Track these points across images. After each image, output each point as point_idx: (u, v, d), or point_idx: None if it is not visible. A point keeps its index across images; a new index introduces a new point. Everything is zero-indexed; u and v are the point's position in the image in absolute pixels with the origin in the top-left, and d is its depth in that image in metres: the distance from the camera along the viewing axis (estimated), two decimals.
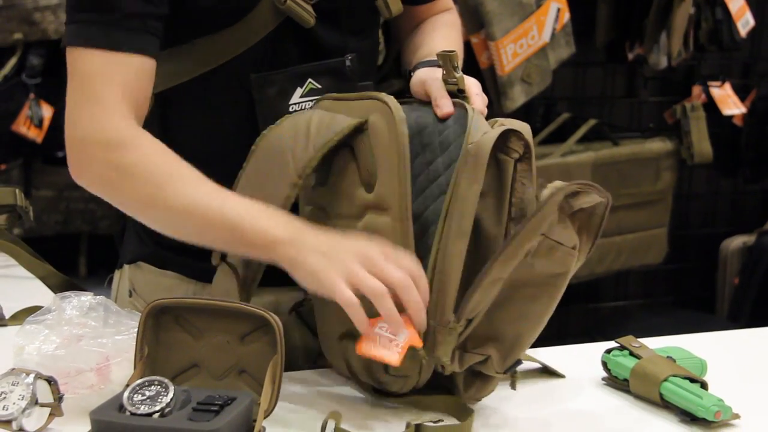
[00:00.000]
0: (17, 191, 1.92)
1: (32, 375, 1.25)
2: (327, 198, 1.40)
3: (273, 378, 1.26)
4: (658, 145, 3.58)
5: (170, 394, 1.21)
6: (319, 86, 1.50)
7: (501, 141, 1.30)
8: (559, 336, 3.69)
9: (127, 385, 1.23)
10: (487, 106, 1.43)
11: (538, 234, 1.25)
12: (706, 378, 1.44)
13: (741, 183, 3.93)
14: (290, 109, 1.49)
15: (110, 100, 1.38)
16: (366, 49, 1.58)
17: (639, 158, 3.53)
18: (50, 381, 1.26)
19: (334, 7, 1.51)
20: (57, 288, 1.75)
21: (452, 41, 1.65)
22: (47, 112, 3.03)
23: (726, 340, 1.78)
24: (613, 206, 1.17)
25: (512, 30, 3.04)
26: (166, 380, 1.22)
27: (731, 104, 3.73)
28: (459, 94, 1.38)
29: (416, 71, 1.46)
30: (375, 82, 1.61)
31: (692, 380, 1.40)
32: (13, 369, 1.27)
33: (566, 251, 1.28)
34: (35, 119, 3.04)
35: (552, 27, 3.15)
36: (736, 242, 3.85)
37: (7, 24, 2.99)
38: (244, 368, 1.31)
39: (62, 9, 2.90)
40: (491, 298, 1.28)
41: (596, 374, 1.51)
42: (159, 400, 1.20)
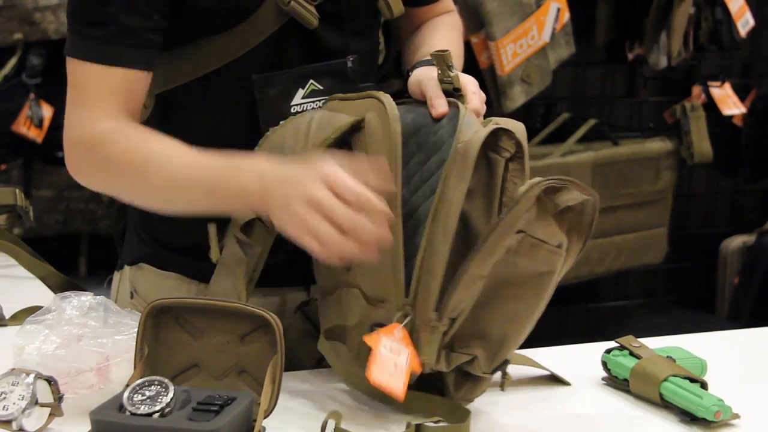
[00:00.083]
0: (17, 191, 1.92)
1: (32, 375, 1.25)
2: None
3: (273, 378, 1.26)
4: (658, 145, 3.58)
5: (170, 394, 1.21)
6: (321, 87, 1.50)
7: (492, 140, 1.30)
8: (559, 336, 3.69)
9: (127, 385, 1.23)
10: (487, 106, 1.43)
11: (514, 231, 1.25)
12: (706, 378, 1.44)
13: (741, 183, 3.93)
14: (292, 110, 1.49)
15: (98, 107, 1.42)
16: (367, 50, 1.58)
17: (639, 158, 3.53)
18: (50, 381, 1.26)
19: (337, 9, 1.51)
20: (57, 288, 1.75)
21: (453, 42, 1.65)
22: (47, 112, 3.03)
23: (726, 340, 1.78)
24: (613, 206, 1.17)
25: (512, 30, 3.04)
26: (166, 380, 1.22)
27: (731, 104, 3.73)
28: (455, 93, 1.38)
29: (413, 71, 1.46)
30: (375, 83, 1.61)
31: (692, 380, 1.41)
32: (13, 369, 1.27)
33: (550, 250, 1.28)
34: (35, 119, 3.03)
35: (552, 27, 3.15)
36: (736, 242, 3.85)
37: (8, 24, 2.99)
38: (244, 368, 1.31)
39: (62, 9, 2.89)
40: (473, 297, 1.28)
41: (596, 374, 1.51)
42: (159, 400, 1.20)
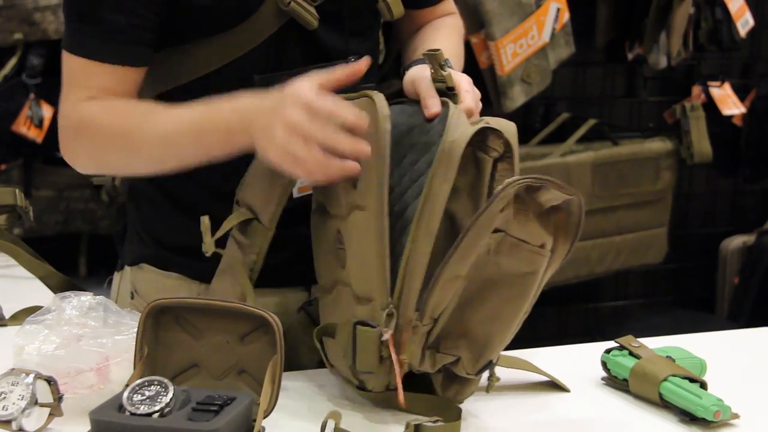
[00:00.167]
0: (17, 191, 1.92)
1: (32, 375, 1.25)
2: (324, 197, 1.41)
3: (273, 378, 1.26)
4: (658, 145, 3.58)
5: (170, 394, 1.21)
6: None
7: (479, 139, 1.29)
8: (559, 336, 3.70)
9: (127, 385, 1.23)
10: (487, 106, 1.43)
11: (490, 230, 1.25)
12: (706, 378, 1.44)
13: (741, 183, 3.93)
14: None
15: (85, 97, 1.45)
16: (367, 51, 1.58)
17: (639, 158, 3.53)
18: (50, 381, 1.26)
19: (337, 9, 1.51)
20: (57, 288, 1.75)
21: (453, 44, 1.65)
22: (47, 112, 3.03)
23: (726, 340, 1.78)
24: (613, 206, 1.17)
25: (512, 30, 3.04)
26: (166, 380, 1.22)
27: (731, 104, 3.73)
28: (448, 92, 1.37)
29: (408, 70, 1.46)
30: (376, 83, 1.61)
31: (692, 380, 1.40)
32: (13, 369, 1.27)
33: (532, 250, 1.27)
34: (35, 119, 3.03)
35: (552, 27, 3.15)
36: (736, 242, 3.85)
37: (8, 24, 2.99)
38: (244, 368, 1.31)
39: (62, 9, 2.89)
40: (453, 296, 1.28)
41: (596, 374, 1.51)
42: (158, 400, 1.20)
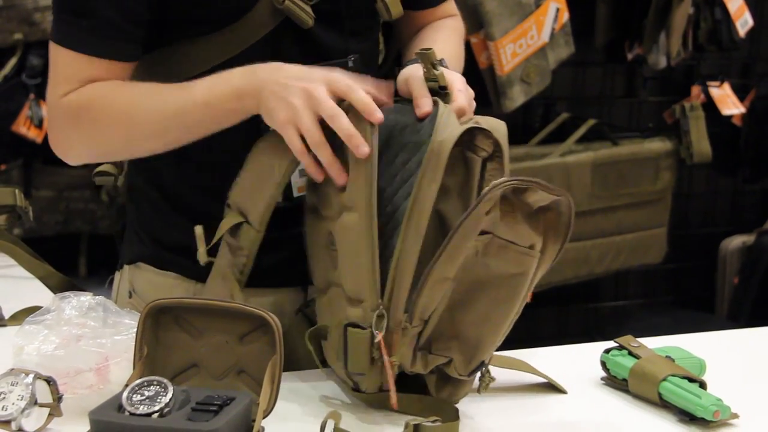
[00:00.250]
0: (17, 191, 1.92)
1: (31, 375, 1.25)
2: (316, 198, 1.41)
3: (272, 378, 1.26)
4: (658, 145, 3.58)
5: (169, 394, 1.21)
6: None
7: (468, 139, 1.29)
8: (559, 336, 3.70)
9: (126, 386, 1.23)
10: (487, 106, 1.43)
11: (477, 232, 1.25)
12: (705, 377, 1.44)
13: (740, 183, 3.93)
14: None
15: (73, 87, 1.46)
16: (367, 51, 1.58)
17: (638, 158, 3.53)
18: (49, 381, 1.26)
19: (335, 9, 1.51)
20: (56, 288, 1.75)
21: (454, 45, 1.64)
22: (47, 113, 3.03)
23: (725, 340, 1.78)
24: (613, 206, 1.17)
25: (511, 30, 3.04)
26: (165, 380, 1.22)
27: (730, 104, 3.73)
28: (440, 91, 1.37)
29: (402, 69, 1.46)
30: None
31: (691, 380, 1.41)
32: (13, 369, 1.27)
33: (521, 251, 1.27)
34: (35, 119, 3.04)
35: (551, 27, 3.15)
36: (736, 242, 3.85)
37: (7, 24, 2.99)
38: (243, 368, 1.31)
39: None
40: (441, 298, 1.28)
41: (595, 374, 1.51)
42: (158, 400, 1.20)
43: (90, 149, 1.52)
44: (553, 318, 3.77)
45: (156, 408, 1.19)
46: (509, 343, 1.39)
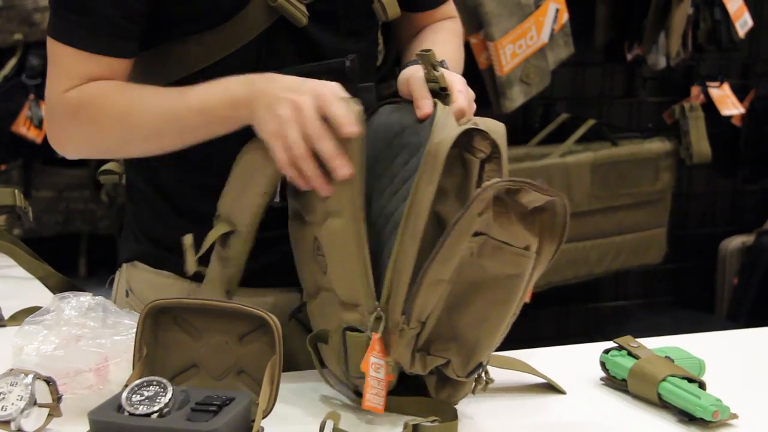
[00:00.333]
0: (16, 192, 1.92)
1: (31, 375, 1.25)
2: (299, 204, 1.41)
3: (271, 378, 1.26)
4: (657, 146, 3.59)
5: (169, 395, 1.21)
6: None
7: (466, 140, 1.29)
8: (559, 336, 3.70)
9: (126, 386, 1.23)
10: (487, 107, 1.42)
11: (470, 234, 1.24)
12: (705, 378, 1.44)
13: (740, 183, 3.93)
14: None
15: (72, 83, 1.46)
16: (364, 51, 1.58)
17: (638, 158, 3.53)
18: (49, 381, 1.26)
19: (331, 9, 1.51)
20: (56, 288, 1.75)
21: (453, 47, 1.64)
22: None
23: (725, 340, 1.78)
24: (613, 206, 1.16)
25: (511, 30, 3.04)
26: (165, 380, 1.22)
27: (730, 104, 3.73)
28: (441, 92, 1.37)
29: (402, 70, 1.46)
30: (375, 83, 1.61)
31: (690, 380, 1.41)
32: (12, 369, 1.27)
33: (516, 252, 1.26)
34: (35, 120, 3.04)
35: (551, 27, 3.15)
36: (735, 242, 3.85)
37: (7, 24, 3.00)
38: (243, 368, 1.31)
39: None
40: (438, 299, 1.28)
41: (595, 374, 1.51)
42: (157, 401, 1.20)
43: (87, 146, 1.53)
44: (553, 318, 3.77)
45: (155, 408, 1.19)
46: (509, 344, 1.39)
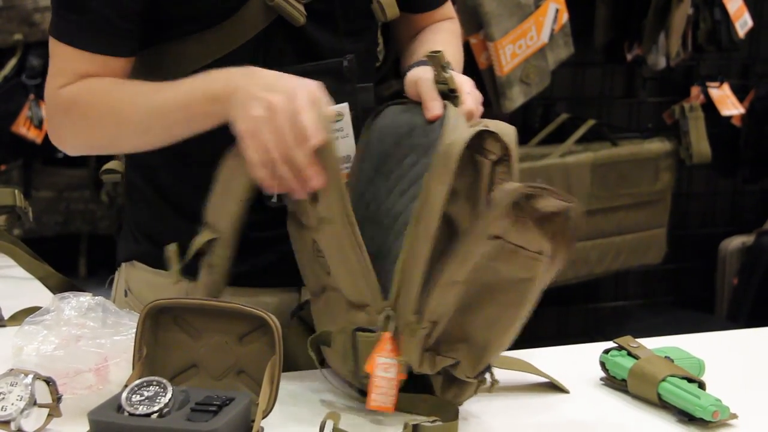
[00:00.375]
0: (16, 192, 1.92)
1: (31, 375, 1.25)
2: (294, 206, 1.40)
3: (271, 378, 1.26)
4: (657, 146, 3.59)
5: (168, 395, 1.21)
6: None
7: (477, 142, 1.29)
8: (559, 336, 3.70)
9: (126, 386, 1.23)
10: (487, 107, 1.43)
11: (487, 237, 1.24)
12: (705, 378, 1.44)
13: (740, 183, 3.93)
14: None
15: (70, 80, 1.47)
16: (363, 51, 1.58)
17: (638, 158, 3.53)
18: (49, 381, 1.26)
19: (329, 9, 1.51)
20: (56, 289, 1.75)
21: (452, 48, 1.64)
22: None
23: (725, 340, 1.78)
24: (613, 206, 1.16)
25: (511, 31, 3.04)
26: (165, 381, 1.23)
27: (730, 105, 3.73)
28: (450, 94, 1.37)
29: (410, 71, 1.46)
30: (375, 83, 1.61)
31: (690, 380, 1.41)
32: (12, 369, 1.27)
33: (530, 256, 1.26)
34: (35, 120, 3.04)
35: (551, 28, 3.15)
36: (735, 242, 3.85)
37: (7, 25, 3.00)
38: (243, 368, 1.31)
39: None
40: (451, 301, 1.28)
41: (595, 374, 1.51)
42: (157, 401, 1.20)
43: (82, 141, 1.54)
44: (553, 318, 3.77)
45: (155, 408, 1.19)
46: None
